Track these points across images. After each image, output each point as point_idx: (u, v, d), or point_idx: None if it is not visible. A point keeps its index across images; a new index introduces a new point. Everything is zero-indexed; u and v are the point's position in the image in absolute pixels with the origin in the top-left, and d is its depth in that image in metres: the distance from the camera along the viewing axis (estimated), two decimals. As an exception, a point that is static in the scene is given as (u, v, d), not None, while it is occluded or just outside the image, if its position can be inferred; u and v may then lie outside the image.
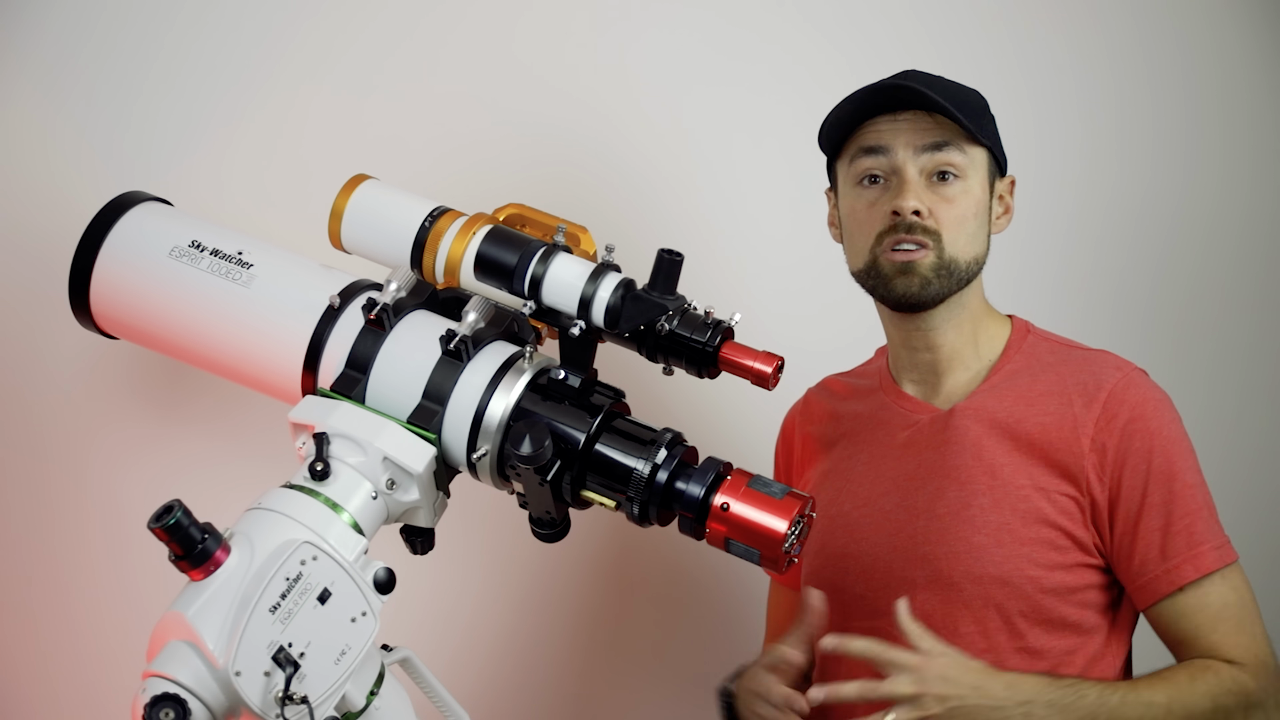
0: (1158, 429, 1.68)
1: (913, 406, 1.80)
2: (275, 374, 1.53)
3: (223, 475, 2.09)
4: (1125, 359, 1.76)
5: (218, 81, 2.16)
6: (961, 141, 1.71)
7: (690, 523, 1.43)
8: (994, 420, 1.72)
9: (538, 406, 1.45)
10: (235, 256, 1.54)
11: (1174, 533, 1.65)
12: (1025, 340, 1.79)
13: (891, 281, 1.72)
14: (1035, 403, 1.72)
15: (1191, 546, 1.65)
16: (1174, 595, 1.65)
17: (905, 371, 1.82)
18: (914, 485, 1.74)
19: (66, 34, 2.11)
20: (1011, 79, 2.32)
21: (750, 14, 2.32)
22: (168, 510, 1.29)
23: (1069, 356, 1.77)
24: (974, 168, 1.73)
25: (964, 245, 1.72)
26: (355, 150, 2.16)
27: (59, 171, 2.10)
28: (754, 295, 2.29)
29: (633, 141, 2.29)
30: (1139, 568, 1.66)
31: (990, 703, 1.53)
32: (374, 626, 1.34)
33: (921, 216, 1.69)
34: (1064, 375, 1.73)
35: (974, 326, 1.78)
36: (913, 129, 1.71)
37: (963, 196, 1.72)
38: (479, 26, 2.25)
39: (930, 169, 1.71)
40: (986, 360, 1.78)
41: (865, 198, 1.75)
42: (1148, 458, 1.67)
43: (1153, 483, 1.66)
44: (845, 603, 1.76)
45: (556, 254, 1.47)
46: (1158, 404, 1.70)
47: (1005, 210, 1.80)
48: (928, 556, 1.71)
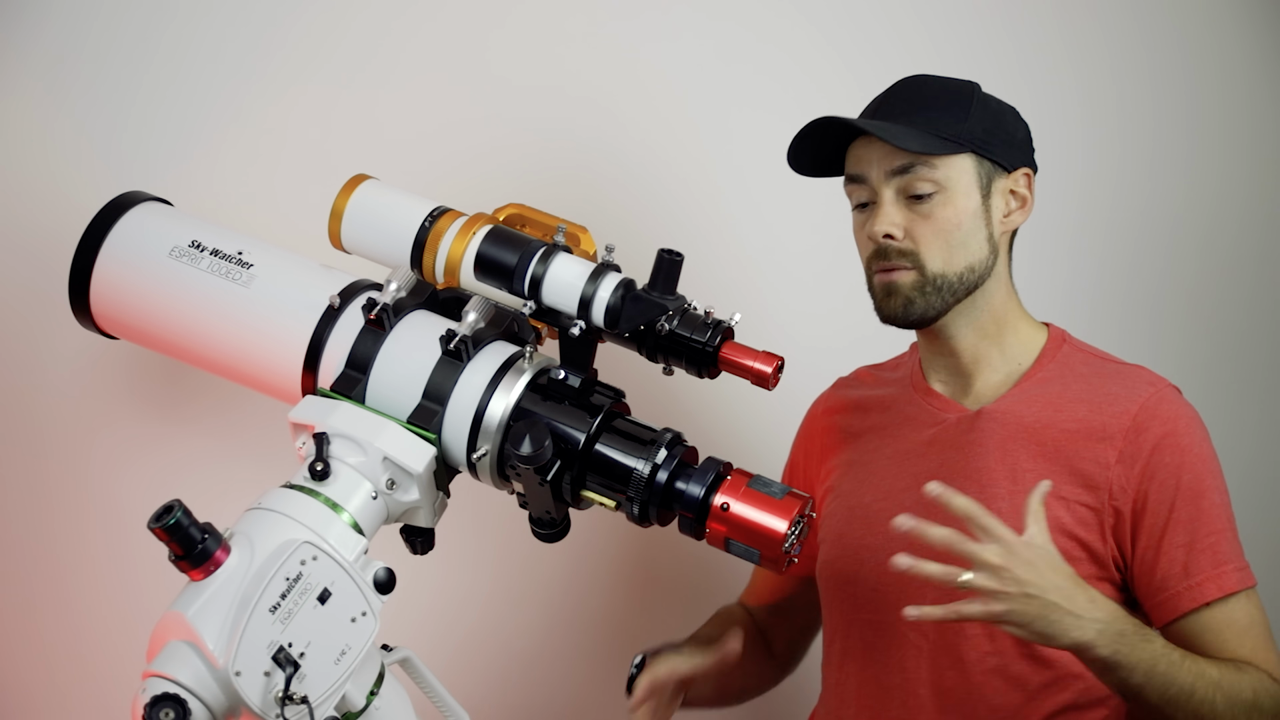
0: (1188, 446, 1.67)
1: (941, 405, 1.79)
2: (275, 374, 1.53)
3: (223, 475, 2.09)
4: (1160, 375, 1.74)
5: (217, 81, 2.16)
6: (930, 157, 1.69)
7: (690, 523, 1.43)
8: (1021, 425, 1.71)
9: (538, 406, 1.45)
10: (235, 256, 1.54)
11: (1199, 550, 1.64)
12: (1060, 349, 1.77)
13: (881, 303, 1.74)
14: (1064, 409, 1.71)
15: (1216, 565, 1.64)
16: (1195, 612, 1.64)
17: (934, 371, 1.82)
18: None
19: (66, 33, 2.11)
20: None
21: (752, 15, 2.32)
22: (168, 510, 1.29)
23: (1103, 368, 1.75)
24: (953, 178, 1.70)
25: (950, 258, 1.70)
26: (355, 150, 2.16)
27: (59, 171, 2.10)
28: (754, 295, 2.29)
29: (633, 141, 2.29)
30: (1160, 583, 1.65)
31: (1068, 606, 1.48)
32: (374, 626, 1.34)
33: (896, 239, 1.70)
34: (1096, 386, 1.72)
35: (998, 328, 1.76)
36: (883, 152, 1.71)
37: (941, 209, 1.69)
38: (479, 26, 2.25)
39: (903, 186, 1.70)
40: (1017, 364, 1.77)
41: (858, 220, 1.77)
42: (1177, 474, 1.65)
43: (1180, 499, 1.65)
44: (857, 595, 1.76)
45: (556, 254, 1.47)
46: (1189, 421, 1.69)
47: (1021, 204, 1.76)
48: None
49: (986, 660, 1.67)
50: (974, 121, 1.72)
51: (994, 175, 1.73)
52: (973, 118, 1.72)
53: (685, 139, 2.31)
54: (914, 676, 1.71)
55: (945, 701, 1.69)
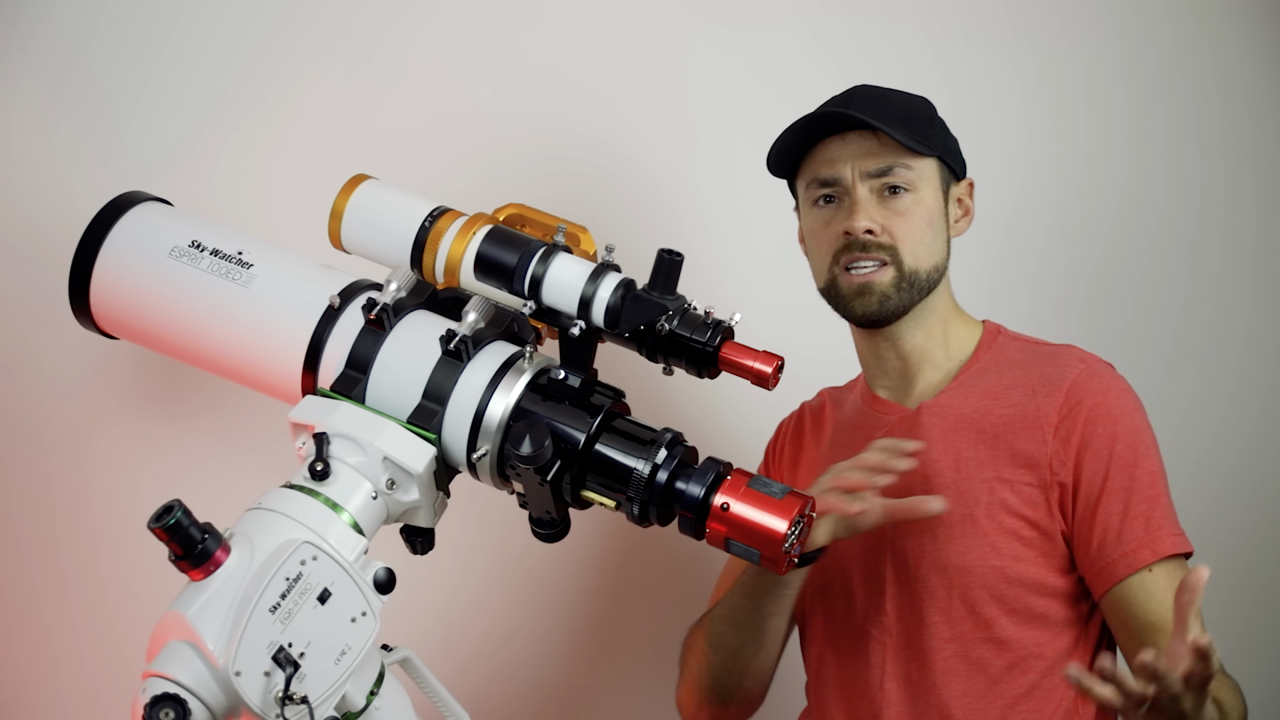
0: (1120, 415, 1.71)
1: (885, 409, 1.84)
2: (275, 374, 1.53)
3: (223, 475, 2.09)
4: (1090, 352, 1.79)
5: (217, 82, 2.16)
6: (907, 157, 1.75)
7: (690, 523, 1.43)
8: (959, 416, 1.76)
9: (538, 406, 1.45)
10: (235, 256, 1.54)
11: (1133, 517, 1.67)
12: (995, 341, 1.83)
13: (850, 303, 1.77)
14: (1000, 396, 1.76)
15: (1150, 531, 1.66)
16: (1132, 577, 1.65)
17: (877, 379, 1.86)
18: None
19: (68, 35, 2.11)
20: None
21: (754, 16, 2.32)
22: (168, 510, 1.29)
23: (1036, 353, 1.80)
24: (924, 179, 1.77)
25: (923, 255, 1.76)
26: (355, 150, 2.16)
27: (59, 171, 2.11)
28: (754, 295, 2.29)
29: (633, 141, 2.30)
30: (1097, 551, 1.67)
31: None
32: (374, 626, 1.34)
33: (875, 234, 1.74)
34: (1029, 369, 1.77)
35: (944, 328, 1.82)
36: (860, 151, 1.75)
37: (915, 208, 1.76)
38: (480, 26, 2.25)
39: (880, 186, 1.75)
40: (957, 361, 1.82)
41: (821, 217, 1.79)
42: (1110, 444, 1.69)
43: (1114, 468, 1.68)
44: (830, 600, 1.81)
45: (556, 254, 1.47)
46: (1121, 393, 1.74)
47: (965, 213, 1.85)
48: (896, 552, 1.75)
49: (946, 648, 1.70)
50: (936, 130, 1.80)
51: (950, 182, 1.82)
52: (934, 125, 1.81)
53: (685, 139, 2.32)
54: (881, 671, 1.74)
55: (913, 693, 1.72)
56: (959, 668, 1.70)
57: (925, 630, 1.71)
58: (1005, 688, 1.69)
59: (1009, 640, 1.69)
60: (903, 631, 1.73)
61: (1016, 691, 1.69)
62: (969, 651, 1.70)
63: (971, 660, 1.70)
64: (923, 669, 1.71)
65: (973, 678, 1.70)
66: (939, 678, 1.70)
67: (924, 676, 1.71)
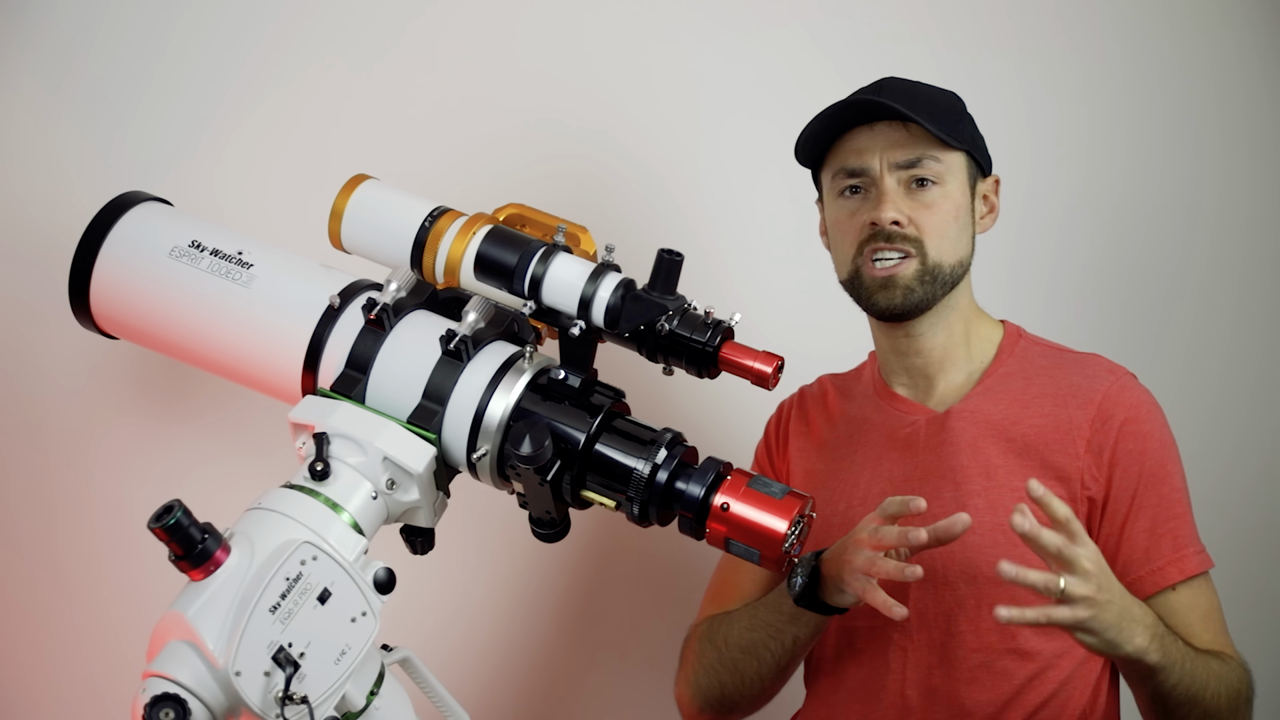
0: (1150, 432, 1.71)
1: (907, 408, 1.82)
2: (275, 374, 1.53)
3: (223, 475, 2.09)
4: (1115, 362, 1.78)
5: (217, 82, 2.16)
6: (936, 150, 1.74)
7: (690, 523, 1.43)
8: (989, 422, 1.74)
9: (538, 406, 1.45)
10: (235, 256, 1.54)
11: (1160, 535, 1.68)
12: (1018, 344, 1.82)
13: (874, 295, 1.75)
14: (1030, 405, 1.74)
15: (1177, 549, 1.68)
16: (1159, 596, 1.66)
17: (895, 375, 1.84)
18: (911, 486, 1.75)
19: (68, 35, 2.11)
20: (1005, 78, 2.32)
21: (753, 16, 2.32)
22: (168, 510, 1.29)
23: (1061, 360, 1.79)
24: (952, 172, 1.75)
25: (948, 249, 1.74)
26: (355, 150, 2.16)
27: (59, 171, 2.10)
28: (754, 295, 2.29)
29: (633, 141, 2.30)
30: (1123, 568, 1.67)
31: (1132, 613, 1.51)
32: (374, 626, 1.34)
33: (901, 225, 1.72)
34: (1057, 378, 1.76)
35: (965, 327, 1.81)
36: (889, 141, 1.74)
37: (942, 201, 1.74)
38: (480, 26, 2.25)
39: (908, 178, 1.74)
40: (979, 362, 1.81)
41: (847, 208, 1.78)
42: (1140, 460, 1.69)
43: (1143, 485, 1.69)
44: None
45: (556, 254, 1.47)
46: (1150, 408, 1.74)
47: (990, 210, 1.83)
48: (924, 556, 1.71)
49: (973, 657, 1.69)
50: (965, 124, 1.78)
51: (977, 177, 1.80)
52: (964, 121, 1.78)
53: (686, 139, 2.32)
54: (901, 677, 1.73)
55: (934, 700, 1.71)
56: (983, 677, 1.69)
57: (952, 639, 1.70)
58: (1026, 697, 1.69)
59: (1033, 651, 1.69)
60: (928, 639, 1.72)
61: (1036, 701, 1.69)
62: (994, 662, 1.69)
63: (996, 670, 1.69)
64: (946, 677, 1.70)
65: (996, 687, 1.69)
66: (963, 687, 1.69)
67: (947, 685, 1.70)
